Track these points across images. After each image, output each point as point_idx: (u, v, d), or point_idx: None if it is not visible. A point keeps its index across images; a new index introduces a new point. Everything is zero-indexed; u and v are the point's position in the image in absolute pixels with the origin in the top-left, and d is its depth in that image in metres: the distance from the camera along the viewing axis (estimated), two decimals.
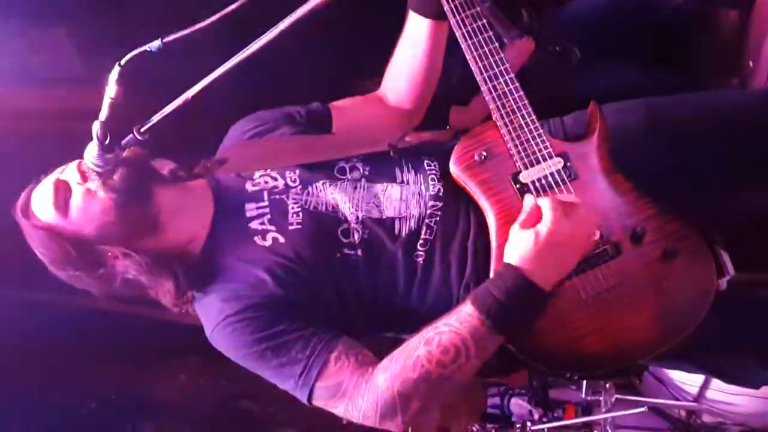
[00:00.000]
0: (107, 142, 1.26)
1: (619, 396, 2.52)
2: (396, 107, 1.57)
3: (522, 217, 1.24)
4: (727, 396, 2.39)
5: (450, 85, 1.66)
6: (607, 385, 2.48)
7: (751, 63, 2.28)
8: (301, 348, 1.28)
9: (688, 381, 2.49)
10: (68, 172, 1.35)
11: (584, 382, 2.57)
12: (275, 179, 1.43)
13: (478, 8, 1.30)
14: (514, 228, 1.23)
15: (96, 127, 1.25)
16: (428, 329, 1.24)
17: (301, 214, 1.38)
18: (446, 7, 1.31)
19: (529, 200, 1.25)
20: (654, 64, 2.30)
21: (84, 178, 1.33)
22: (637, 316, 1.27)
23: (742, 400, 2.35)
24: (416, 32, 1.47)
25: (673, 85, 2.28)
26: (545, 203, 1.21)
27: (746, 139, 1.43)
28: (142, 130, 1.29)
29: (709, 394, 2.45)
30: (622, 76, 2.31)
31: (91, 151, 1.28)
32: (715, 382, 2.36)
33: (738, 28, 2.36)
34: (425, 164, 1.43)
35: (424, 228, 1.36)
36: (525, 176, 1.30)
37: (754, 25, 2.31)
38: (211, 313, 1.34)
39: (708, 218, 1.35)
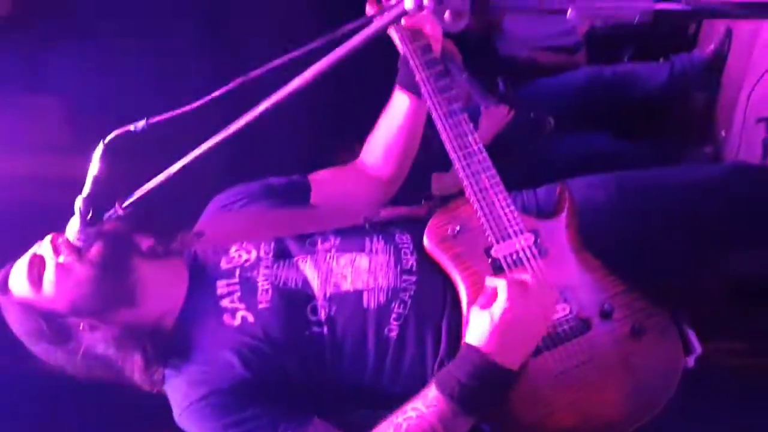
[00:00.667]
0: (89, 217, 1.28)
1: None
2: (373, 177, 1.62)
3: (481, 299, 1.22)
4: None
5: (431, 152, 1.71)
6: None
7: (723, 132, 2.35)
8: None
9: None
10: (43, 246, 1.37)
11: None
12: (249, 252, 1.44)
13: (454, 91, 1.36)
14: (474, 309, 1.22)
15: (78, 203, 1.28)
16: (396, 414, 1.23)
17: (270, 291, 1.37)
18: (423, 90, 1.38)
19: (488, 282, 1.24)
20: (627, 134, 2.37)
21: (57, 252, 1.33)
22: (607, 392, 1.27)
23: None
24: (400, 107, 1.53)
25: (646, 155, 2.36)
26: (500, 284, 1.20)
27: (716, 216, 1.46)
28: (124, 204, 1.31)
29: None
30: (596, 145, 2.36)
31: (73, 225, 1.30)
32: None
33: (709, 99, 2.44)
34: (396, 237, 1.44)
35: (397, 301, 1.36)
36: (496, 251, 1.33)
37: (725, 94, 2.38)
38: (178, 397, 1.33)
39: (676, 294, 1.38)
